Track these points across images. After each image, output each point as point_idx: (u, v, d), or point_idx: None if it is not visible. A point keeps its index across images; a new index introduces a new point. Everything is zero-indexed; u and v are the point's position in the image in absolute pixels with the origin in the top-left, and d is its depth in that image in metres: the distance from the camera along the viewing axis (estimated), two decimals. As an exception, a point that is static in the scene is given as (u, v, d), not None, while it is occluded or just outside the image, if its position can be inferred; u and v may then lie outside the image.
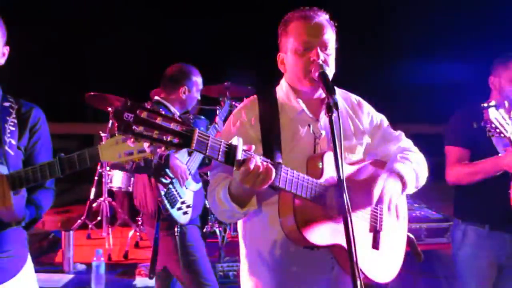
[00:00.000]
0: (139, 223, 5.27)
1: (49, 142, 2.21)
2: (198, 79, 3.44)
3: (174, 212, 3.12)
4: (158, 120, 1.41)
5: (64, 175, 1.91)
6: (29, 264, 2.16)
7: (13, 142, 2.05)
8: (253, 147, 1.61)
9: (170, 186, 3.11)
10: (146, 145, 1.48)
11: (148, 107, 1.41)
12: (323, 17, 1.93)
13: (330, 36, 1.91)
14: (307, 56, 1.88)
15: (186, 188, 3.23)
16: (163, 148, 1.43)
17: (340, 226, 1.58)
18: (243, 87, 5.21)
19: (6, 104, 2.12)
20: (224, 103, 4.23)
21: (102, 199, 5.38)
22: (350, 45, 2.26)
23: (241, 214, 1.77)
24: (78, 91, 5.21)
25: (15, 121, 2.10)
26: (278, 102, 1.99)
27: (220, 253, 4.56)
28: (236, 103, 5.23)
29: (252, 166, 1.55)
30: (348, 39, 2.21)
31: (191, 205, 3.26)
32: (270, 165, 1.60)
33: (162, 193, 3.06)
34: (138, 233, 5.35)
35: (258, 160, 1.57)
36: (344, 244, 1.56)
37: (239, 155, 1.56)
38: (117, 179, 5.10)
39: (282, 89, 2.03)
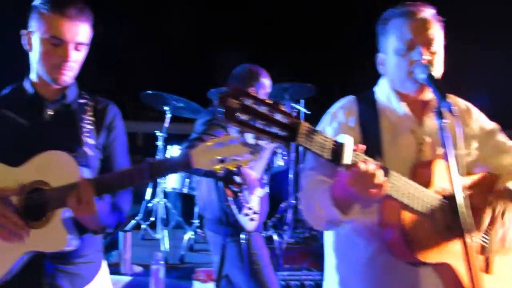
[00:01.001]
0: (195, 226, 5.18)
1: (126, 140, 2.12)
2: (266, 81, 3.32)
3: (241, 218, 2.99)
4: (263, 109, 1.29)
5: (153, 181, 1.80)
6: (104, 269, 2.07)
7: (91, 141, 1.96)
8: (364, 147, 1.45)
9: (238, 191, 2.99)
10: (250, 136, 1.35)
11: (255, 94, 1.30)
12: (427, 12, 1.75)
13: (435, 32, 1.73)
14: (409, 56, 1.71)
15: (253, 194, 3.09)
16: (268, 141, 1.32)
17: (450, 244, 1.46)
18: (304, 85, 5.05)
19: (82, 101, 2.04)
20: (284, 105, 4.07)
21: (157, 200, 5.32)
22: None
23: (341, 221, 1.61)
24: (135, 90, 5.17)
25: (92, 119, 2.00)
26: (378, 104, 1.83)
27: (278, 260, 4.42)
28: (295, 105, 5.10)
29: (363, 167, 1.40)
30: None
31: (257, 212, 3.13)
32: (381, 169, 1.44)
33: (230, 198, 2.94)
34: (193, 236, 5.25)
35: (370, 162, 1.41)
36: (454, 263, 1.43)
37: (349, 155, 1.40)
38: (172, 180, 5.03)
39: (382, 91, 1.87)
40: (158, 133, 5.21)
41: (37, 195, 1.81)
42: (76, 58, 1.91)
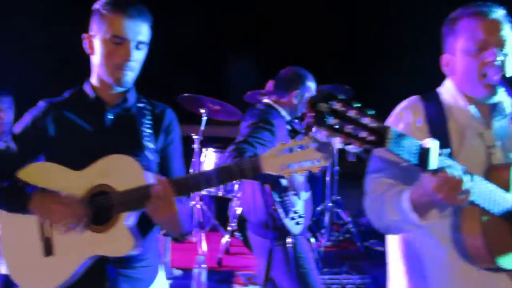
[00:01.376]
0: (231, 229, 5.17)
1: (181, 144, 2.11)
2: (312, 85, 3.29)
3: (288, 222, 2.96)
4: (352, 113, 1.28)
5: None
6: (161, 272, 2.07)
7: (151, 145, 1.96)
8: (448, 150, 1.42)
9: (284, 195, 2.97)
10: (337, 140, 1.33)
11: (343, 98, 1.28)
12: (499, 13, 1.70)
13: (507, 33, 1.69)
14: (481, 57, 1.66)
15: (298, 198, 3.07)
16: (357, 145, 1.29)
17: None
18: (340, 87, 5.01)
19: (141, 105, 2.04)
20: None
21: (193, 203, 5.33)
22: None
23: (417, 226, 1.57)
24: (171, 93, 5.19)
25: (151, 123, 2.00)
26: (444, 105, 1.79)
27: (317, 264, 4.37)
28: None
29: (450, 173, 1.37)
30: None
31: (303, 215, 3.10)
32: (468, 174, 1.40)
33: (277, 201, 2.92)
34: (228, 239, 5.24)
35: (457, 167, 1.38)
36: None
37: (435, 160, 1.37)
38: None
39: (448, 92, 1.82)
40: (194, 135, 5.22)
41: (101, 199, 1.82)
42: (137, 57, 1.91)
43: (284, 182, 2.96)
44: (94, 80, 1.99)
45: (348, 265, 4.68)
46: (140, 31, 1.88)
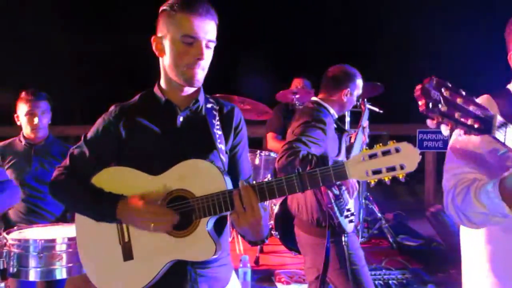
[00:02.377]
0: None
1: (247, 143, 2.12)
2: (360, 82, 3.29)
3: (343, 221, 2.98)
4: (459, 101, 1.30)
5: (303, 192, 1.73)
6: (234, 273, 2.09)
7: (223, 147, 1.96)
8: None
9: (339, 193, 2.98)
10: (444, 128, 1.35)
11: (450, 85, 1.30)
12: None
13: None
14: None
15: (352, 196, 3.09)
16: (462, 132, 1.32)
17: None
18: (372, 84, 5.02)
19: (209, 105, 2.03)
20: (364, 105, 4.06)
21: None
22: None
23: (503, 218, 1.59)
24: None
25: (220, 123, 2.00)
26: None
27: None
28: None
29: None
30: None
31: (354, 213, 3.12)
32: None
33: (333, 200, 2.93)
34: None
35: None
36: None
37: None
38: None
39: None
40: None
41: (181, 204, 1.83)
42: (208, 56, 1.90)
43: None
44: (163, 82, 1.99)
45: (385, 261, 4.70)
46: (209, 30, 1.87)
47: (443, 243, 5.38)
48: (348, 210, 3.05)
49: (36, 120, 3.55)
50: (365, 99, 4.62)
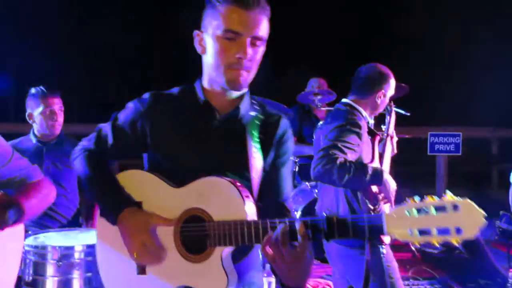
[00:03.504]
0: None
1: (291, 159, 1.87)
2: (393, 83, 3.12)
3: (381, 231, 2.80)
4: None
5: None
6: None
7: (259, 164, 1.73)
8: None
9: (377, 203, 2.80)
10: None
11: None
12: None
13: None
14: None
15: (391, 205, 2.90)
16: None
17: None
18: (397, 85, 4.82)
19: (253, 113, 1.79)
20: (391, 109, 3.87)
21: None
22: None
23: None
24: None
25: (261, 136, 1.76)
26: None
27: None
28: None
29: None
30: None
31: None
32: None
33: (371, 210, 2.75)
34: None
35: None
36: None
37: None
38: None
39: None
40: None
41: (196, 227, 1.64)
42: (253, 55, 1.65)
43: (374, 188, 2.80)
44: (205, 82, 1.77)
45: (411, 270, 4.52)
46: (257, 25, 1.62)
47: (464, 251, 5.22)
48: (385, 219, 2.87)
49: (55, 117, 3.39)
50: (392, 102, 4.45)
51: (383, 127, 3.45)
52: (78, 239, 2.84)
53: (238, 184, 1.62)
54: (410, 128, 7.43)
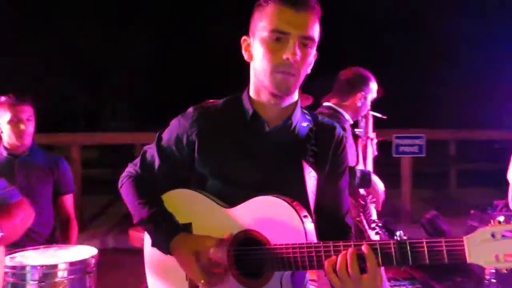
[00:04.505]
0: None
1: (347, 170, 1.74)
2: (374, 86, 3.14)
3: (371, 233, 2.80)
4: None
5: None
6: None
7: (313, 181, 1.60)
8: None
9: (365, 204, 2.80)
10: None
11: None
12: None
13: None
14: None
15: (379, 207, 2.91)
16: None
17: None
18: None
19: (305, 124, 1.66)
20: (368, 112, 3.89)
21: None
22: None
23: None
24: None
25: (315, 149, 1.64)
26: None
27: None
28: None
29: None
30: None
31: (380, 225, 2.94)
32: None
33: (361, 211, 2.75)
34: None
35: None
36: None
37: None
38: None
39: None
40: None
41: (252, 250, 1.53)
42: (303, 57, 1.52)
43: (362, 191, 2.80)
44: (252, 91, 1.63)
45: (391, 271, 4.56)
46: (305, 24, 1.50)
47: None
48: (374, 221, 2.87)
49: (23, 126, 3.19)
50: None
51: (357, 131, 3.47)
52: (59, 257, 2.69)
53: (295, 203, 1.50)
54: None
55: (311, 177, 1.59)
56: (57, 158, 3.44)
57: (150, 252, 1.74)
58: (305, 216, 1.49)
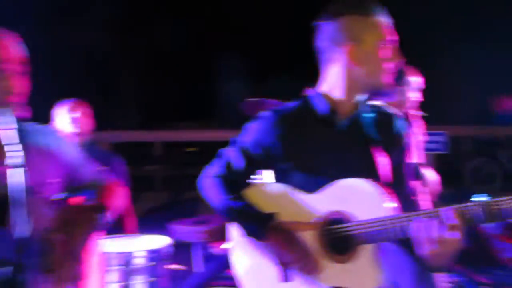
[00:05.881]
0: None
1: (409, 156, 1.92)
2: (413, 79, 3.18)
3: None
4: None
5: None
6: None
7: (386, 166, 1.78)
8: None
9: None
10: None
11: None
12: None
13: None
14: None
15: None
16: None
17: None
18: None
19: (370, 114, 1.84)
20: None
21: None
22: None
23: None
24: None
25: (381, 136, 1.81)
26: None
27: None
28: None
29: None
30: None
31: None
32: None
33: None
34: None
35: None
36: None
37: None
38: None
39: None
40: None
41: (340, 228, 1.69)
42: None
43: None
44: (336, 91, 1.80)
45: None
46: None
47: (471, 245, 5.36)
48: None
49: None
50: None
51: None
52: (137, 244, 2.85)
53: (375, 183, 1.69)
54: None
55: (383, 163, 1.78)
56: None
57: (239, 242, 1.89)
58: (384, 193, 1.67)
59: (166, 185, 7.37)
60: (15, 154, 1.61)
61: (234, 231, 1.90)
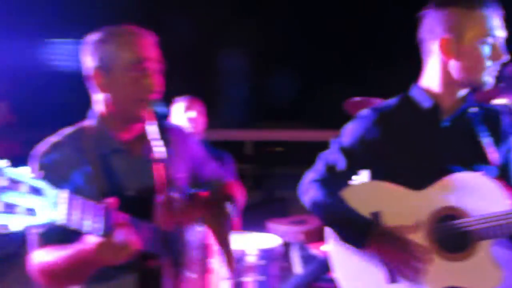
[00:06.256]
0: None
1: None
2: None
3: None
4: None
5: None
6: None
7: (496, 159, 1.72)
8: None
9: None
10: None
11: None
12: None
13: None
14: None
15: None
16: None
17: None
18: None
19: (474, 108, 1.78)
20: None
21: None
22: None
23: None
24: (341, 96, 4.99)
25: (488, 130, 1.76)
26: None
27: None
28: None
29: None
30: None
31: None
32: None
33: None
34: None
35: None
36: None
37: None
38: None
39: None
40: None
41: (453, 225, 1.62)
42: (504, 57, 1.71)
43: None
44: (436, 86, 1.75)
45: None
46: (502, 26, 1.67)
47: None
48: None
49: None
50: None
51: None
52: (248, 243, 2.88)
53: (487, 176, 1.61)
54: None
55: (493, 156, 1.70)
56: None
57: (338, 245, 1.82)
58: (502, 186, 1.59)
59: (257, 183, 7.45)
60: (159, 149, 1.66)
61: (333, 233, 1.86)
